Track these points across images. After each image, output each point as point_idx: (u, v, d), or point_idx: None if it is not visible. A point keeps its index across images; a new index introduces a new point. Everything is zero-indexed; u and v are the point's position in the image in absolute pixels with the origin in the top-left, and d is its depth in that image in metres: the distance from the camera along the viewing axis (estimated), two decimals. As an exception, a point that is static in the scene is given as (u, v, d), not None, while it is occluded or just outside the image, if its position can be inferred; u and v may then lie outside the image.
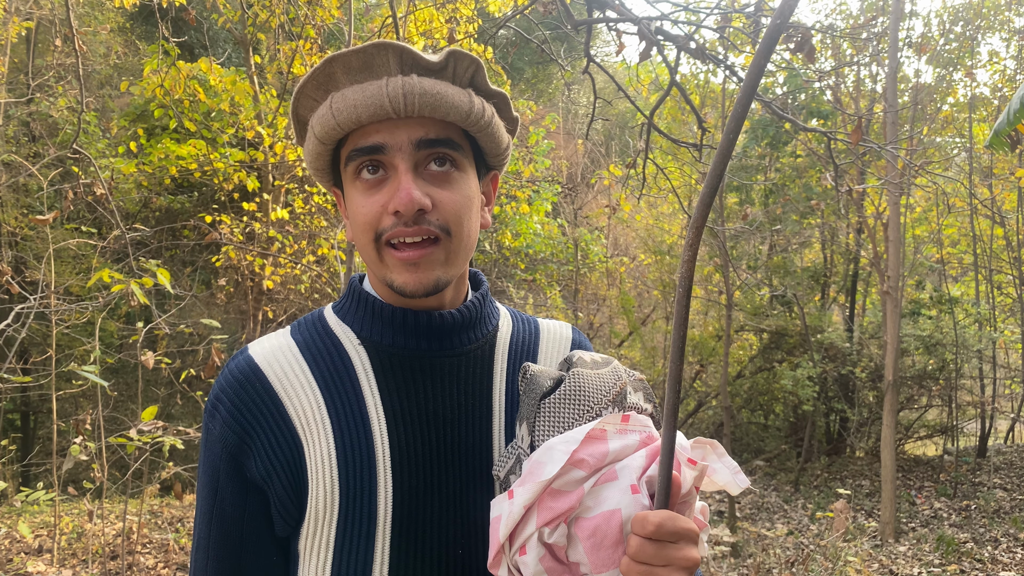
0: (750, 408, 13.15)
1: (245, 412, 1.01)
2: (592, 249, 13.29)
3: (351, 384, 1.03)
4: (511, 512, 0.91)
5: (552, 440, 0.94)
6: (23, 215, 10.24)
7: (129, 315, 9.72)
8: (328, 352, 1.05)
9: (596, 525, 0.89)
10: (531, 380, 1.03)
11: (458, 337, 1.08)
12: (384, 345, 1.05)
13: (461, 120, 1.00)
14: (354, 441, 1.00)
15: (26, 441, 11.22)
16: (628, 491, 0.90)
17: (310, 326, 1.10)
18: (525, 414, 1.01)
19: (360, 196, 1.00)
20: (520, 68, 15.77)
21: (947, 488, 10.20)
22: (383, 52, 0.96)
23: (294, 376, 1.03)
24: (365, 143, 0.98)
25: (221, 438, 1.01)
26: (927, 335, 10.60)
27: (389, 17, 5.59)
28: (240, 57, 11.31)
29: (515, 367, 1.14)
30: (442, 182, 1.00)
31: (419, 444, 1.02)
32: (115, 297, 4.63)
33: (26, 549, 6.13)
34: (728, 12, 3.68)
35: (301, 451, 0.99)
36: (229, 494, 1.02)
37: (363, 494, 0.99)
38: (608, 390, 1.00)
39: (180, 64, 6.89)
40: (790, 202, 11.13)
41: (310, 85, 1.00)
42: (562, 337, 1.23)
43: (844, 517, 7.58)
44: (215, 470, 1.03)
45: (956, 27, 11.20)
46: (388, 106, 0.95)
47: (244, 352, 1.06)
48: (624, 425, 0.95)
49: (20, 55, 11.57)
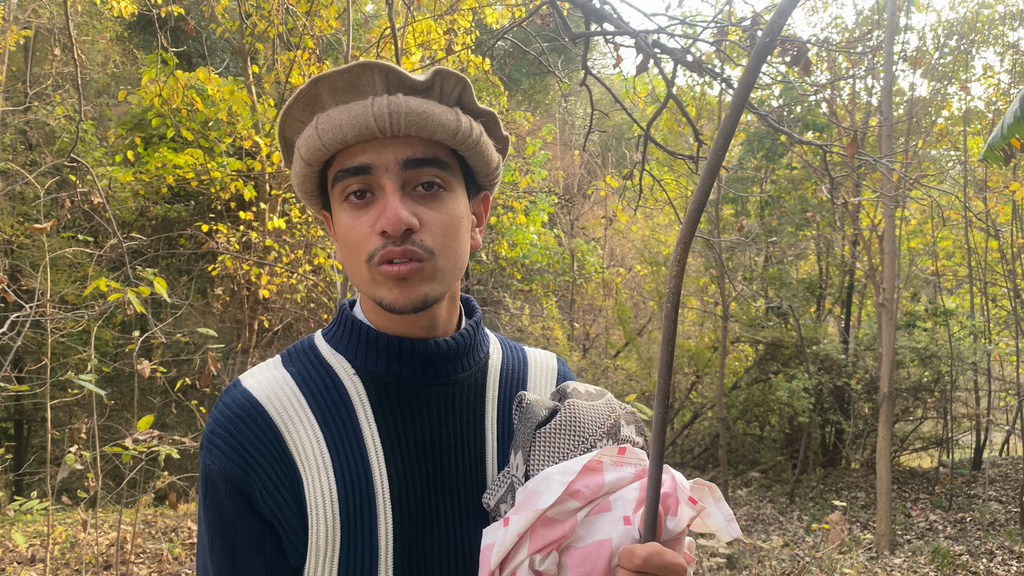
0: (746, 419, 13.15)
1: (247, 445, 0.98)
2: (588, 260, 13.31)
3: (348, 416, 1.02)
4: (504, 539, 0.91)
5: (549, 470, 0.95)
6: (19, 223, 10.23)
7: (125, 324, 9.70)
8: (324, 384, 1.04)
9: (586, 554, 0.90)
10: (527, 409, 1.03)
11: (452, 365, 1.07)
12: (379, 374, 1.04)
13: (448, 139, 0.99)
14: (353, 474, 0.99)
15: (20, 450, 11.17)
16: (620, 522, 0.91)
17: (302, 356, 1.08)
18: (520, 443, 1.01)
19: (348, 217, 0.99)
20: (517, 79, 15.83)
21: (942, 500, 10.19)
22: (369, 72, 0.95)
23: (293, 410, 1.01)
24: (351, 163, 0.97)
25: (222, 472, 0.98)
26: (922, 347, 10.62)
27: (387, 28, 5.61)
28: (238, 67, 11.34)
29: (506, 395, 1.13)
30: (430, 202, 0.99)
31: (417, 474, 1.02)
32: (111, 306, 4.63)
33: (19, 558, 6.10)
34: (724, 25, 3.70)
35: (301, 486, 0.98)
36: (244, 525, 0.99)
37: (364, 527, 0.98)
38: (603, 422, 1.01)
39: (178, 73, 6.90)
40: (786, 214, 11.16)
41: (296, 106, 0.99)
42: (548, 367, 1.23)
43: (840, 529, 7.57)
44: (221, 505, 0.99)
45: (951, 41, 11.27)
46: (374, 125, 0.94)
47: (238, 386, 1.03)
48: (620, 457, 0.96)
49: (18, 63, 11.58)
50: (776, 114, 10.42)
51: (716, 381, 11.04)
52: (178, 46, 7.43)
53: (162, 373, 5.20)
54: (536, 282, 12.51)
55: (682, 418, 13.32)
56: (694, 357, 12.63)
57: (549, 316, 12.53)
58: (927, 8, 11.65)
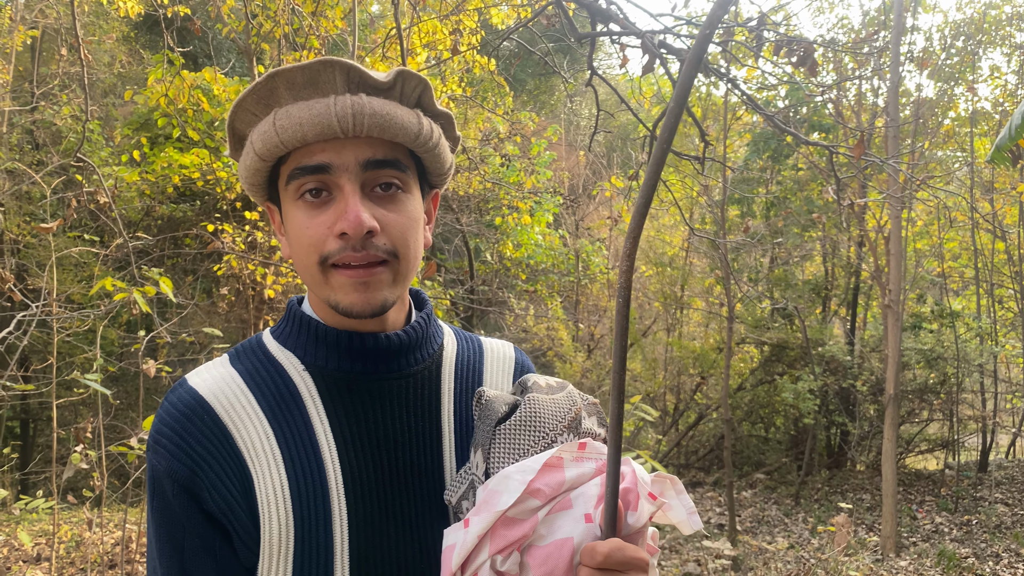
0: (751, 421, 13.12)
1: (194, 444, 0.96)
2: (593, 260, 13.30)
3: (299, 412, 1.00)
4: (465, 541, 0.90)
5: (509, 469, 0.94)
6: (26, 223, 10.27)
7: (130, 323, 9.72)
8: (273, 380, 1.02)
9: (548, 553, 0.89)
10: (486, 406, 1.02)
11: (404, 358, 1.06)
12: (329, 370, 1.02)
13: (409, 141, 0.98)
14: (306, 471, 0.98)
15: (26, 449, 11.20)
16: (582, 520, 0.90)
17: (250, 354, 1.06)
18: (480, 440, 1.00)
19: (303, 216, 0.97)
20: (523, 80, 15.83)
21: (948, 503, 10.16)
22: (329, 69, 0.94)
23: (241, 408, 0.99)
24: (309, 162, 0.95)
25: (168, 472, 0.96)
26: (928, 349, 10.59)
27: (393, 29, 5.62)
28: (244, 67, 11.36)
29: (463, 387, 1.12)
30: (388, 203, 0.98)
31: (371, 469, 1.01)
32: (117, 305, 4.64)
33: (24, 557, 6.12)
34: (731, 26, 3.70)
35: (252, 484, 0.96)
36: (193, 527, 0.96)
37: (318, 523, 0.96)
38: (563, 416, 1.00)
39: (184, 73, 6.91)
40: (791, 215, 11.14)
41: (250, 99, 0.96)
42: (505, 357, 1.22)
43: (846, 531, 7.55)
44: (169, 506, 0.97)
45: (957, 42, 11.24)
46: (336, 125, 0.92)
47: (184, 384, 1.01)
48: (581, 453, 0.95)
49: (25, 63, 11.62)
50: (782, 115, 10.40)
51: (721, 382, 11.01)
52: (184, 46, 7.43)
53: (167, 373, 5.20)
54: (541, 283, 12.50)
55: (687, 419, 13.30)
56: (699, 358, 12.61)
57: (554, 317, 12.52)
58: (934, 9, 11.62)
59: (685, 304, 13.82)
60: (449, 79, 7.85)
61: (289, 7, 6.13)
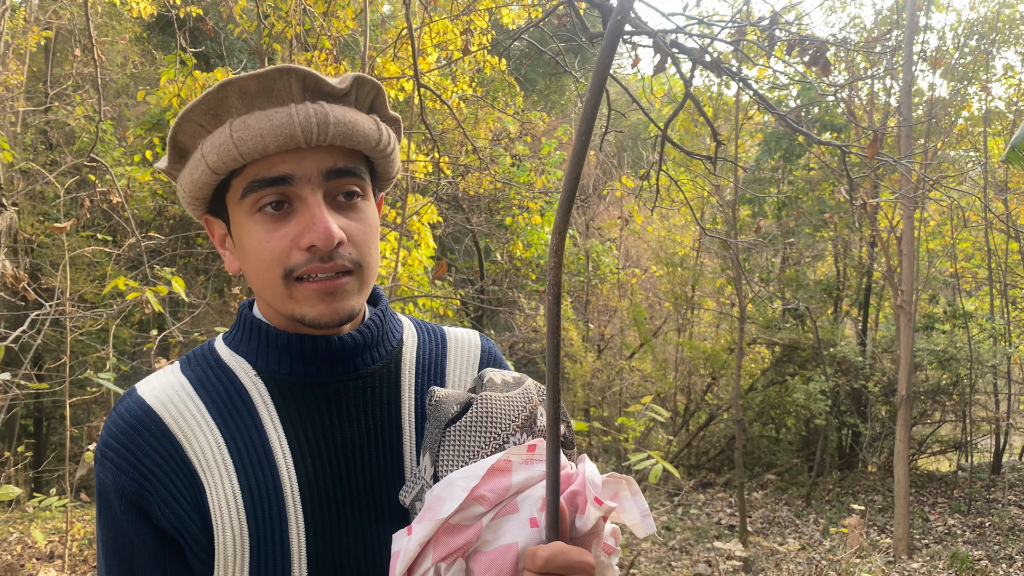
0: (762, 421, 13.07)
1: (142, 456, 0.93)
2: (603, 260, 13.28)
3: (251, 419, 0.97)
4: (407, 549, 0.88)
5: (453, 475, 0.91)
6: (40, 222, 10.34)
7: (143, 322, 9.77)
8: (224, 387, 0.99)
9: (492, 560, 0.87)
10: (436, 406, 0.99)
11: (360, 358, 1.03)
12: (282, 374, 1.00)
13: (370, 149, 0.97)
14: (259, 479, 0.95)
15: (39, 447, 11.28)
16: (527, 524, 0.88)
17: (201, 360, 1.03)
18: (428, 443, 0.98)
19: (262, 230, 0.93)
20: (533, 80, 15.82)
21: (961, 504, 10.10)
22: (285, 77, 0.90)
23: (190, 416, 0.96)
24: (268, 174, 0.91)
25: (116, 487, 0.93)
26: (941, 350, 10.52)
27: (404, 29, 5.62)
28: (255, 67, 11.40)
29: (424, 383, 1.09)
30: (350, 212, 0.96)
31: (328, 475, 0.98)
32: (129, 304, 4.66)
33: (38, 555, 6.16)
34: (742, 25, 3.68)
35: (204, 495, 0.94)
36: (142, 542, 0.94)
37: (274, 533, 0.94)
38: (517, 414, 0.97)
39: (196, 74, 6.94)
40: (803, 215, 11.09)
41: (198, 110, 0.92)
42: (470, 345, 1.18)
43: (858, 533, 7.51)
44: (117, 522, 0.95)
45: (971, 41, 11.17)
46: (300, 135, 0.89)
47: (132, 394, 0.99)
48: (531, 455, 0.92)
49: (39, 64, 11.70)
50: (794, 114, 10.36)
51: (732, 383, 10.98)
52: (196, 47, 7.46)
53: (179, 372, 5.22)
54: (551, 283, 12.47)
55: (698, 420, 13.26)
56: (710, 359, 12.58)
57: (564, 317, 12.51)
58: (947, 8, 11.55)
59: (696, 304, 13.79)
60: (460, 79, 7.85)
61: (301, 7, 6.15)
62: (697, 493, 11.25)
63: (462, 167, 8.49)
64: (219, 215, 1.01)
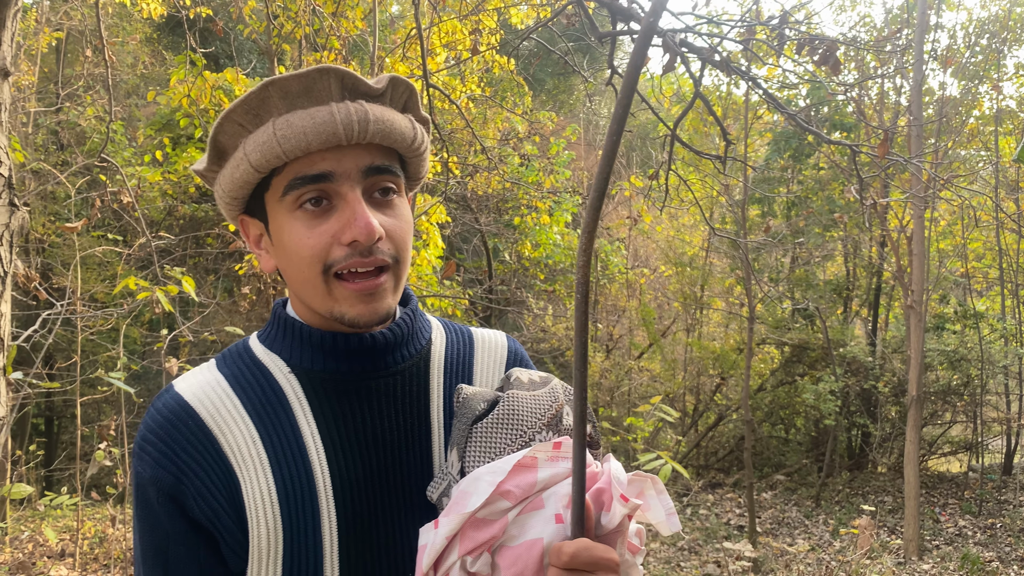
0: (771, 422, 13.04)
1: (179, 451, 0.96)
2: (612, 260, 13.26)
3: (285, 415, 1.00)
4: (434, 542, 0.90)
5: (479, 470, 0.93)
6: (51, 222, 10.39)
7: (153, 322, 9.81)
8: (258, 383, 1.02)
9: (518, 554, 0.88)
10: (464, 403, 1.01)
11: (391, 356, 1.05)
12: (315, 371, 1.02)
13: (405, 147, 1.00)
14: (293, 473, 0.97)
15: (50, 446, 11.34)
16: (552, 520, 0.89)
17: (236, 358, 1.06)
18: (456, 439, 1.00)
19: (302, 227, 0.96)
20: (542, 79, 15.82)
21: (972, 506, 10.05)
22: (325, 76, 0.93)
23: (226, 412, 0.99)
24: (311, 171, 0.94)
25: (153, 480, 0.96)
26: (951, 350, 10.47)
27: (413, 29, 5.63)
28: (265, 68, 11.42)
29: (452, 382, 1.11)
30: (387, 209, 0.99)
31: (359, 470, 1.00)
32: (140, 304, 4.68)
33: (49, 553, 6.19)
34: (752, 24, 3.67)
35: (239, 488, 0.96)
36: (178, 534, 0.96)
37: (307, 526, 0.96)
38: (543, 412, 0.98)
39: (206, 74, 6.96)
40: (813, 215, 11.06)
41: (239, 110, 0.94)
42: (497, 345, 1.20)
43: (869, 534, 7.48)
44: (154, 514, 0.97)
45: (982, 40, 11.10)
46: (341, 133, 0.92)
47: (170, 390, 1.01)
48: (556, 452, 0.93)
49: (50, 65, 11.77)
50: (804, 114, 10.32)
51: (741, 383, 10.95)
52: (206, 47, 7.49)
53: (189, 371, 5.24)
54: (559, 282, 12.48)
55: (707, 420, 13.24)
56: (719, 359, 12.54)
57: (572, 316, 12.49)
58: (958, 6, 11.47)
59: (705, 304, 13.76)
60: (469, 79, 7.86)
61: (310, 8, 6.16)
62: (706, 493, 11.23)
63: (471, 167, 8.49)
64: (256, 215, 1.04)
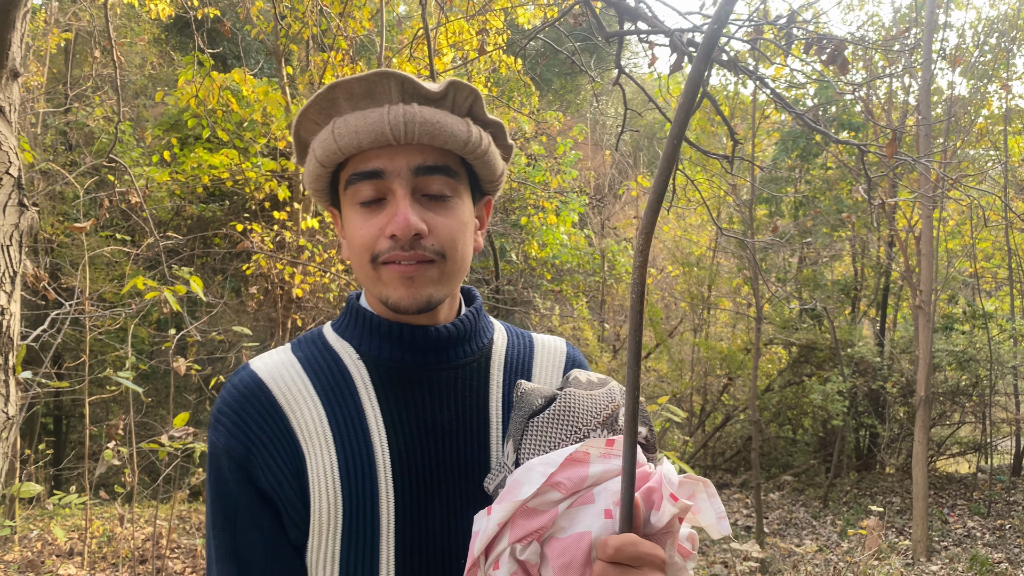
0: (779, 422, 13.01)
1: (251, 423, 1.02)
2: (619, 260, 13.25)
3: (351, 397, 1.06)
4: (486, 528, 0.92)
5: (532, 461, 0.95)
6: (60, 222, 10.44)
7: (161, 322, 9.84)
8: (328, 367, 1.08)
9: (566, 546, 0.90)
10: (522, 398, 1.04)
11: (453, 350, 1.11)
12: (382, 359, 1.08)
13: (459, 148, 1.03)
14: (355, 452, 1.02)
15: (59, 445, 11.39)
16: (602, 515, 0.91)
17: (310, 343, 1.12)
18: (512, 432, 1.03)
19: (359, 219, 1.04)
20: (549, 79, 15.81)
21: (981, 507, 10.00)
22: (385, 80, 0.99)
23: (297, 390, 1.05)
24: (365, 168, 1.01)
25: (227, 449, 1.03)
26: (960, 350, 10.43)
27: (420, 29, 5.63)
28: (272, 68, 11.45)
29: (511, 380, 1.16)
30: (438, 207, 1.03)
31: (419, 454, 1.05)
32: (148, 304, 4.70)
33: (58, 552, 6.22)
34: (759, 24, 3.66)
35: (304, 463, 1.01)
36: (245, 502, 1.03)
37: (366, 504, 1.01)
38: (599, 411, 1.01)
39: (214, 75, 6.99)
40: (821, 214, 11.02)
41: (312, 109, 1.03)
42: (556, 351, 1.25)
43: (877, 535, 7.46)
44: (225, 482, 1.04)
45: (991, 39, 11.05)
46: (389, 133, 0.98)
47: (247, 368, 1.08)
48: (608, 449, 0.95)
49: (59, 65, 11.81)
50: (811, 113, 10.29)
51: (749, 383, 10.93)
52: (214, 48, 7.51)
53: (197, 371, 5.26)
54: (566, 282, 12.48)
55: (714, 420, 13.21)
56: (727, 359, 12.52)
57: (579, 317, 12.50)
58: (967, 5, 11.41)
59: (712, 304, 13.73)
60: (476, 79, 7.86)
61: (317, 8, 6.18)
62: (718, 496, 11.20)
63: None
64: (336, 206, 1.13)
